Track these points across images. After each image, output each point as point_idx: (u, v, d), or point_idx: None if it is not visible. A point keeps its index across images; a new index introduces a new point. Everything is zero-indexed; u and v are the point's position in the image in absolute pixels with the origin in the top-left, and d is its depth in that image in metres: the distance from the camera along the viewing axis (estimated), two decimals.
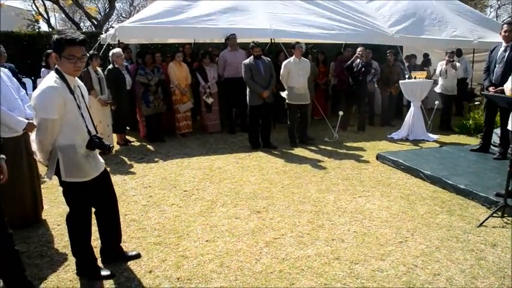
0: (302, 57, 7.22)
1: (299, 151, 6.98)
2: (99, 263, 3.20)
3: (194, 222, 4.11)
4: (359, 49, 8.20)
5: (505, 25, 6.03)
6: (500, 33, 6.12)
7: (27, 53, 11.99)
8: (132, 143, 7.71)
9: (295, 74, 7.09)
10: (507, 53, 5.92)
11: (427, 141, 7.77)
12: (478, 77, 6.59)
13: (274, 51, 9.19)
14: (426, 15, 9.93)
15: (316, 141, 7.63)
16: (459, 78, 10.35)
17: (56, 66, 2.79)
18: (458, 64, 8.89)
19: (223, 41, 8.46)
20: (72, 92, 2.79)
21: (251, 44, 7.06)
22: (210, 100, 8.13)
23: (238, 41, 8.12)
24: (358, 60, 8.18)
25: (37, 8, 24.32)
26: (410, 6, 10.01)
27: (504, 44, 6.04)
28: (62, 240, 3.69)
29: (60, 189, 2.96)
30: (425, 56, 11.39)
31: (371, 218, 4.15)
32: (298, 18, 8.75)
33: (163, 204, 4.60)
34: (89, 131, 2.89)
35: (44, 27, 25.44)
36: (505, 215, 4.09)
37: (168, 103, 7.92)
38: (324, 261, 3.30)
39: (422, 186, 5.13)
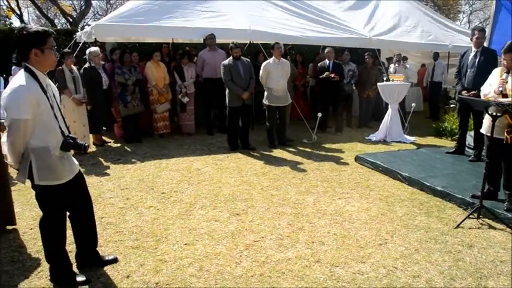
0: (282, 58, 7.20)
1: (278, 152, 6.97)
2: (75, 268, 3.09)
3: (172, 225, 4.03)
4: (327, 50, 8.38)
5: (476, 31, 6.20)
6: (472, 39, 6.27)
7: None
8: (109, 144, 7.54)
9: (275, 75, 7.06)
10: (477, 59, 6.10)
11: (404, 143, 7.88)
12: (453, 80, 6.80)
13: (253, 52, 9.15)
14: (403, 20, 10.09)
15: (295, 143, 7.64)
16: (436, 82, 10.57)
17: (26, 64, 2.66)
18: (407, 65, 9.14)
19: (201, 41, 8.37)
20: (44, 91, 2.68)
21: (230, 44, 6.98)
22: (185, 99, 7.99)
23: (217, 41, 8.04)
24: (327, 61, 8.29)
25: (8, 3, 23.55)
26: (388, 11, 10.17)
27: (474, 49, 6.19)
28: (35, 245, 3.56)
29: (33, 191, 2.84)
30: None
31: (350, 220, 4.16)
32: (277, 20, 8.73)
33: (141, 207, 4.50)
34: (62, 132, 2.79)
35: (16, 23, 24.69)
36: (481, 216, 4.17)
37: (146, 103, 7.77)
38: (305, 264, 3.28)
39: (400, 188, 5.18)
